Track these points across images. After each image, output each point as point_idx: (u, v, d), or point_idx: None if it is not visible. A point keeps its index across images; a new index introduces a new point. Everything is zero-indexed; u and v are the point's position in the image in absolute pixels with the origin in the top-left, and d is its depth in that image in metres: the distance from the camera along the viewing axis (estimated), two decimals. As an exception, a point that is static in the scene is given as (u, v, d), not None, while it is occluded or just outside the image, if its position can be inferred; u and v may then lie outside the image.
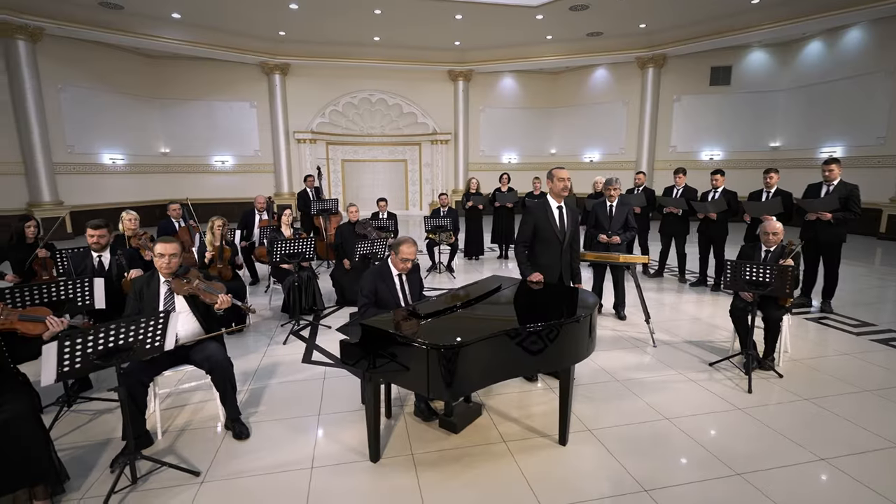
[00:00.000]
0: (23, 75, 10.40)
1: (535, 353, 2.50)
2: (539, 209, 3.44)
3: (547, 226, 3.40)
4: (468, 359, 2.24)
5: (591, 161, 15.65)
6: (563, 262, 3.46)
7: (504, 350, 2.40)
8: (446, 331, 2.44)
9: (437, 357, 2.16)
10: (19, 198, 10.79)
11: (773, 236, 3.88)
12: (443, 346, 2.17)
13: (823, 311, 5.31)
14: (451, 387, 2.20)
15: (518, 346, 2.44)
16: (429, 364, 2.17)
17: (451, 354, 2.18)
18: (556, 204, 3.46)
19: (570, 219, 3.48)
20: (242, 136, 14.64)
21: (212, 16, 11.35)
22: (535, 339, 2.49)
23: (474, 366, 2.27)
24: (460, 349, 2.20)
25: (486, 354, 2.32)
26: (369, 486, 2.46)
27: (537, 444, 2.81)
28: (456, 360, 2.19)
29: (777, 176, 5.67)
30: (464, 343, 2.22)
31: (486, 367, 2.34)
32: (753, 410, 3.16)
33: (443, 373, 2.17)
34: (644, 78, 13.96)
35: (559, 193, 3.43)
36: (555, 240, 3.42)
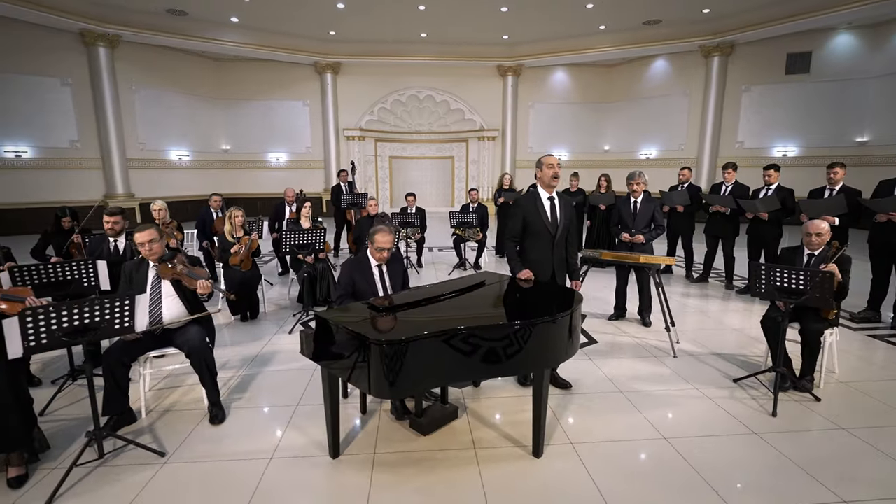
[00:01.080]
0: (102, 79, 11.48)
1: (501, 354, 2.30)
2: (528, 201, 3.19)
3: (537, 219, 3.15)
4: (415, 356, 2.08)
5: (648, 158, 14.73)
6: (555, 257, 3.19)
7: (462, 349, 2.22)
8: (400, 325, 2.30)
9: (380, 353, 2.02)
10: (97, 190, 11.91)
11: (817, 237, 3.36)
12: (385, 340, 2.03)
13: (894, 327, 4.57)
14: (394, 385, 2.06)
15: (479, 346, 2.25)
16: (370, 359, 2.05)
17: (395, 351, 2.04)
18: (547, 195, 3.19)
19: (563, 211, 3.20)
20: (295, 134, 15.25)
21: (267, 18, 11.89)
22: (500, 339, 2.29)
23: (423, 364, 2.11)
24: (406, 345, 2.06)
25: (438, 353, 2.15)
26: (319, 481, 2.38)
27: (509, 454, 2.60)
28: (401, 356, 2.05)
29: (843, 171, 4.96)
30: (410, 339, 2.07)
31: (439, 367, 2.18)
32: (772, 437, 2.74)
33: (385, 370, 2.04)
34: (708, 68, 12.89)
35: (549, 183, 3.17)
36: (545, 233, 3.16)
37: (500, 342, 2.29)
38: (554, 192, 3.21)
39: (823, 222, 3.39)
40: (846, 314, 4.98)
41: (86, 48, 11.25)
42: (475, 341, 2.24)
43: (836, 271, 3.12)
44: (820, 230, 3.35)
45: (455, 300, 2.72)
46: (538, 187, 3.22)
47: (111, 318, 2.42)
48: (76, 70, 11.29)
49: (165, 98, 13.21)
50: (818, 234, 3.36)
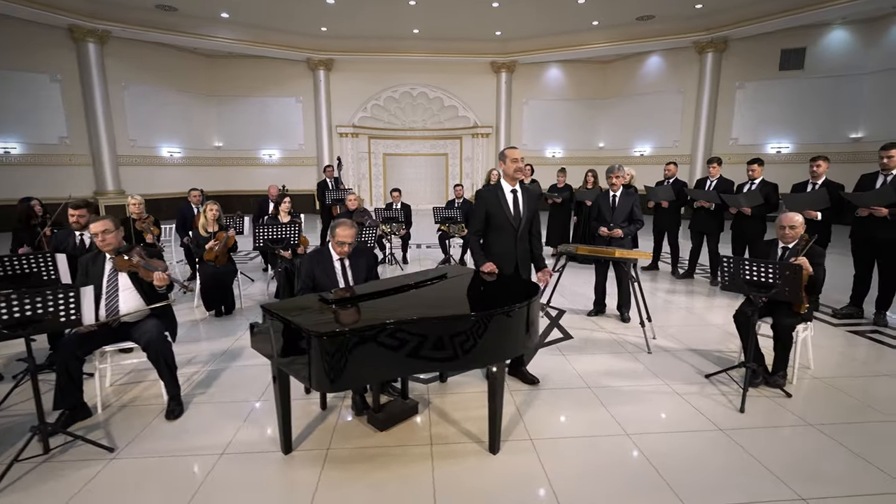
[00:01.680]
0: (92, 75, 11.43)
1: (451, 346, 2.24)
2: (491, 194, 3.13)
3: (499, 212, 3.09)
4: (357, 349, 2.02)
5: (642, 155, 14.65)
6: (518, 250, 3.13)
7: (409, 342, 2.16)
8: (346, 317, 2.24)
9: (319, 345, 1.97)
10: (87, 187, 11.87)
11: (790, 230, 3.29)
12: (325, 333, 1.97)
13: (877, 323, 4.50)
14: (334, 379, 2.00)
15: (427, 339, 2.19)
16: (311, 352, 1.99)
17: (335, 343, 1.98)
18: (510, 188, 3.14)
19: (526, 204, 3.14)
20: (288, 131, 15.19)
21: (257, 14, 11.82)
22: (450, 331, 2.22)
23: (366, 357, 2.05)
24: (347, 337, 2.00)
25: (383, 345, 2.09)
26: (266, 477, 2.33)
27: (466, 450, 2.54)
28: (342, 349, 1.99)
29: (826, 164, 4.90)
30: (351, 331, 2.01)
31: (384, 360, 2.12)
32: (738, 433, 2.68)
33: (324, 362, 1.98)
34: (702, 64, 12.80)
35: (512, 176, 3.11)
36: (508, 227, 3.10)
37: (449, 334, 2.23)
38: (517, 185, 3.16)
39: (797, 215, 3.33)
40: (828, 310, 4.92)
41: (75, 44, 11.20)
42: (423, 333, 2.18)
43: (807, 264, 3.06)
44: (793, 223, 3.29)
45: (412, 293, 2.65)
46: (501, 180, 3.16)
47: (55, 311, 2.37)
48: (65, 66, 11.24)
49: (157, 94, 13.15)
50: (791, 226, 3.29)
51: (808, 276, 3.07)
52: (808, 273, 3.06)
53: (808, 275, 3.07)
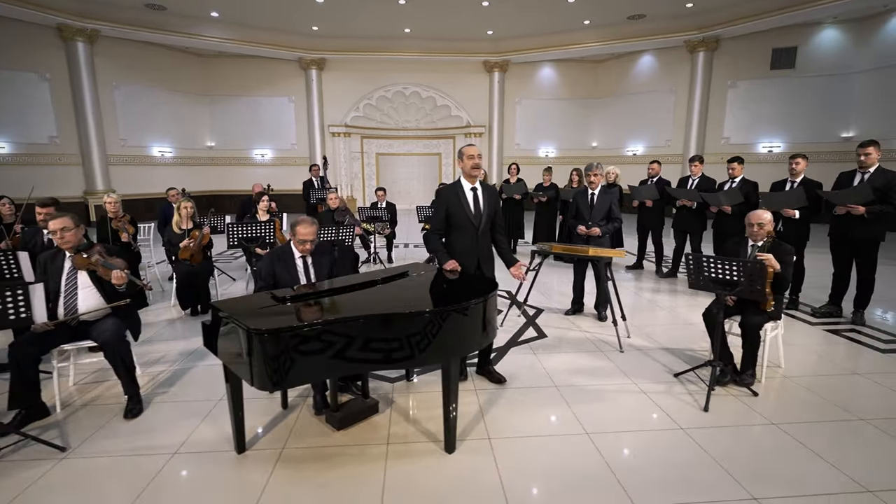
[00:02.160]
0: (81, 74, 11.39)
1: (401, 343, 2.21)
2: (451, 192, 3.11)
3: (459, 210, 3.07)
4: (301, 346, 2.00)
5: (635, 154, 14.62)
6: (479, 248, 3.11)
7: (357, 339, 2.13)
8: (293, 314, 2.21)
9: (260, 342, 1.94)
10: (77, 186, 11.84)
11: (759, 228, 3.26)
12: (266, 329, 1.95)
13: (854, 322, 4.47)
14: (276, 377, 1.98)
15: (376, 335, 2.16)
16: (251, 349, 1.96)
17: (276, 340, 1.95)
18: (470, 186, 3.11)
19: (486, 202, 3.12)
20: (281, 130, 15.17)
21: (247, 13, 11.79)
22: (400, 328, 2.20)
23: (310, 355, 2.03)
24: (290, 334, 1.97)
25: (329, 342, 2.06)
26: (215, 478, 2.30)
27: (422, 449, 2.52)
28: (284, 346, 1.97)
29: (805, 163, 4.87)
30: (295, 328, 1.99)
31: (330, 357, 2.09)
32: (698, 432, 2.65)
33: (265, 361, 1.95)
34: (694, 63, 12.77)
35: (470, 173, 3.09)
36: (468, 225, 3.08)
37: (399, 332, 2.20)
38: (477, 183, 3.13)
39: (766, 212, 3.30)
40: (808, 308, 4.89)
41: (64, 43, 11.17)
42: (372, 331, 2.16)
43: (773, 262, 3.03)
44: (761, 220, 3.26)
45: (368, 291, 2.63)
46: (461, 178, 3.14)
47: (3, 309, 2.34)
48: (54, 65, 11.21)
49: (148, 94, 13.13)
50: (760, 224, 3.26)
51: (773, 274, 3.05)
52: (773, 270, 3.04)
53: (773, 272, 3.05)
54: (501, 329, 4.36)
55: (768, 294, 3.07)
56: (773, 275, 3.09)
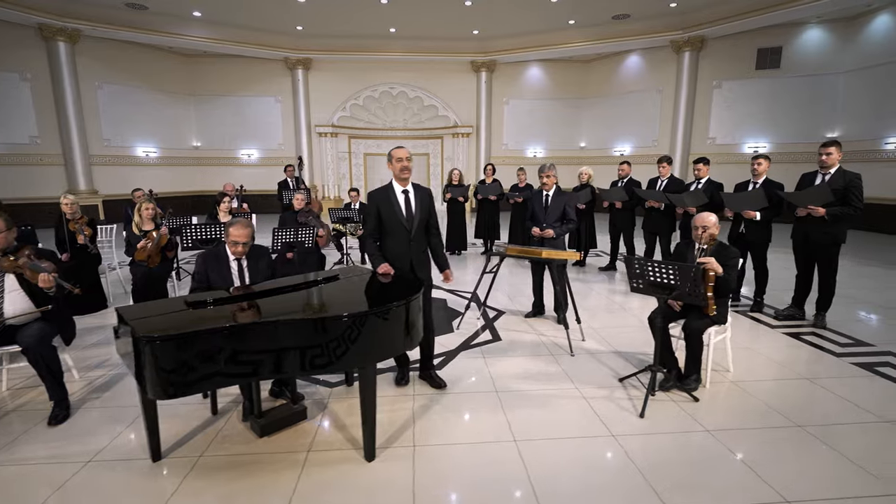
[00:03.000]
0: (63, 74, 11.34)
1: (312, 349, 2.17)
2: (382, 195, 3.07)
3: (391, 213, 3.02)
4: (198, 352, 1.95)
5: (623, 154, 14.55)
6: (412, 251, 3.06)
7: (265, 345, 2.08)
8: (198, 320, 2.16)
9: (150, 349, 1.89)
10: (59, 187, 11.77)
11: (703, 231, 3.21)
12: (158, 336, 1.90)
13: (815, 325, 4.42)
14: (167, 385, 1.92)
15: (284, 341, 2.11)
16: (143, 356, 1.91)
17: (168, 347, 1.90)
18: (401, 188, 3.07)
19: (419, 205, 3.07)
20: (267, 130, 15.11)
21: (229, 12, 11.74)
22: (309, 334, 2.15)
23: (209, 361, 1.98)
24: (184, 340, 1.92)
25: (230, 348, 2.02)
26: (122, 487, 2.25)
27: (343, 457, 2.46)
28: (178, 352, 1.92)
29: (767, 163, 4.82)
30: (188, 334, 1.94)
31: (233, 363, 2.04)
32: (629, 439, 2.60)
33: (156, 368, 1.90)
34: (679, 63, 12.72)
35: (399, 176, 3.04)
36: (401, 228, 3.03)
37: (313, 336, 2.16)
38: (409, 185, 3.09)
39: (710, 215, 3.24)
40: (771, 311, 4.84)
41: (45, 42, 11.12)
42: (282, 336, 2.11)
43: (713, 265, 2.98)
44: (706, 223, 3.20)
45: (291, 295, 2.58)
46: (392, 181, 3.09)
47: None
48: (36, 65, 11.16)
49: (132, 94, 13.07)
50: (704, 227, 3.20)
51: (713, 278, 3.00)
52: (713, 275, 2.99)
53: (713, 276, 3.00)
54: (457, 332, 4.32)
55: (710, 298, 3.03)
56: (715, 279, 3.04)
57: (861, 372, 3.45)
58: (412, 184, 3.14)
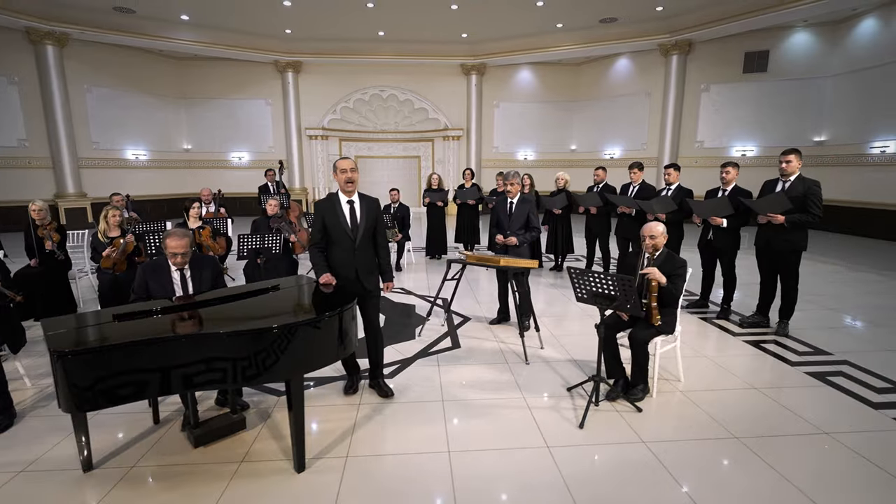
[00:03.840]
0: (51, 77, 11.39)
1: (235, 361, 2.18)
2: (327, 205, 3.08)
3: (335, 223, 3.04)
4: (105, 367, 1.96)
5: (612, 157, 14.56)
6: (357, 260, 3.07)
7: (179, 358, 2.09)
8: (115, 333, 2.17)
9: (61, 363, 1.90)
10: (47, 190, 11.83)
11: (650, 240, 3.22)
12: (69, 351, 1.91)
13: (778, 333, 4.42)
14: (78, 399, 1.94)
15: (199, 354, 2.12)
16: (55, 369, 1.92)
17: (77, 361, 1.91)
18: (346, 199, 3.09)
19: (364, 215, 3.09)
20: (258, 133, 15.16)
21: (216, 16, 11.78)
22: (225, 347, 2.16)
23: (119, 375, 1.99)
24: (93, 355, 1.94)
25: (143, 361, 2.03)
26: (48, 498, 2.25)
27: (274, 468, 2.47)
28: (88, 366, 1.93)
29: (735, 171, 4.81)
30: (96, 348, 1.95)
31: (146, 376, 2.05)
32: (562, 451, 2.60)
33: (67, 382, 1.91)
34: (668, 67, 12.73)
35: (344, 188, 3.06)
36: (345, 238, 3.05)
37: (231, 349, 2.17)
38: (354, 196, 3.10)
39: (658, 225, 3.25)
40: (737, 317, 4.84)
41: (32, 46, 11.16)
42: (199, 348, 2.12)
43: (657, 275, 2.99)
44: (653, 232, 3.21)
45: (225, 306, 2.59)
46: (338, 191, 3.11)
47: None
48: (23, 68, 11.21)
49: (121, 97, 13.11)
50: (651, 236, 3.21)
51: (657, 287, 3.01)
52: (656, 285, 2.99)
53: (657, 286, 3.00)
54: (418, 339, 4.33)
55: (654, 308, 3.03)
56: (660, 289, 3.05)
57: (812, 382, 3.45)
58: (358, 194, 3.15)
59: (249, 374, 2.26)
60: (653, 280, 3.01)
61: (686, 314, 5.06)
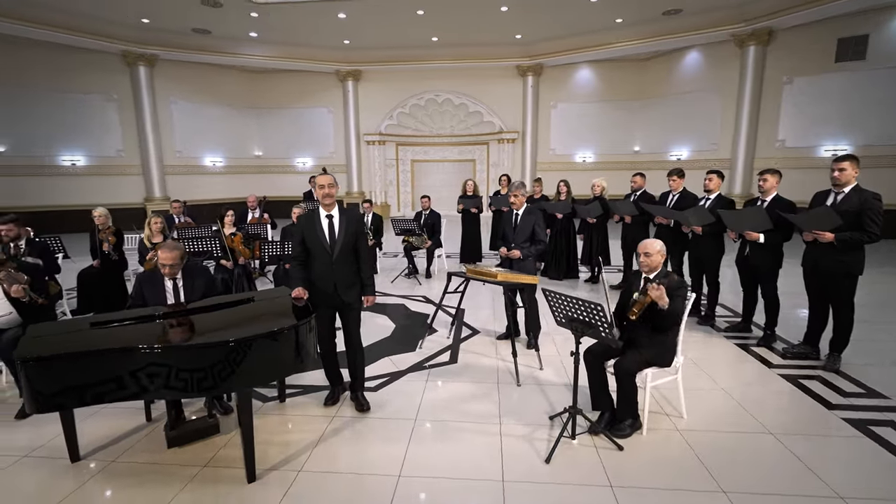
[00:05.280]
0: (142, 94, 12.84)
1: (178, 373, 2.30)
2: (308, 220, 3.13)
3: (314, 237, 3.08)
4: (61, 372, 2.15)
5: (679, 159, 13.51)
6: (335, 274, 3.08)
7: (136, 366, 2.24)
8: (81, 341, 2.36)
9: (23, 369, 2.11)
10: (138, 194, 13.33)
11: (645, 258, 2.92)
12: (30, 357, 2.12)
13: (827, 367, 3.81)
14: (34, 401, 2.14)
15: (151, 364, 2.26)
16: (24, 374, 2.14)
17: (35, 367, 2.12)
18: (325, 213, 3.11)
19: (343, 229, 3.10)
20: (320, 139, 15.97)
21: (281, 32, 12.56)
22: (188, 358, 2.30)
23: (73, 379, 2.18)
24: (47, 362, 2.13)
25: (95, 369, 2.20)
26: (34, 481, 2.52)
27: (229, 475, 2.57)
28: (43, 372, 2.13)
29: (774, 179, 4.25)
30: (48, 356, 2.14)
31: (99, 383, 2.22)
32: (514, 487, 2.44)
33: (28, 384, 2.12)
34: (743, 59, 11.55)
35: (322, 202, 3.09)
36: (323, 251, 3.08)
37: (187, 360, 2.29)
38: (334, 211, 3.12)
39: (656, 242, 2.94)
40: (786, 346, 4.25)
41: (128, 67, 12.65)
42: (156, 359, 2.25)
43: (658, 296, 2.69)
44: (648, 250, 2.91)
45: (196, 317, 2.73)
46: (319, 206, 3.15)
47: None
48: (120, 87, 12.74)
49: (201, 109, 14.44)
50: (647, 253, 2.91)
51: (641, 308, 2.72)
52: (637, 309, 2.71)
53: (640, 307, 2.72)
54: (418, 351, 4.29)
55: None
56: (655, 312, 2.76)
57: (851, 431, 2.93)
58: (339, 208, 3.18)
59: (205, 386, 2.36)
60: (649, 300, 2.72)
61: (721, 338, 4.55)
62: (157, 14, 11.11)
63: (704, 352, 4.24)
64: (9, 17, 10.08)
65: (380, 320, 5.15)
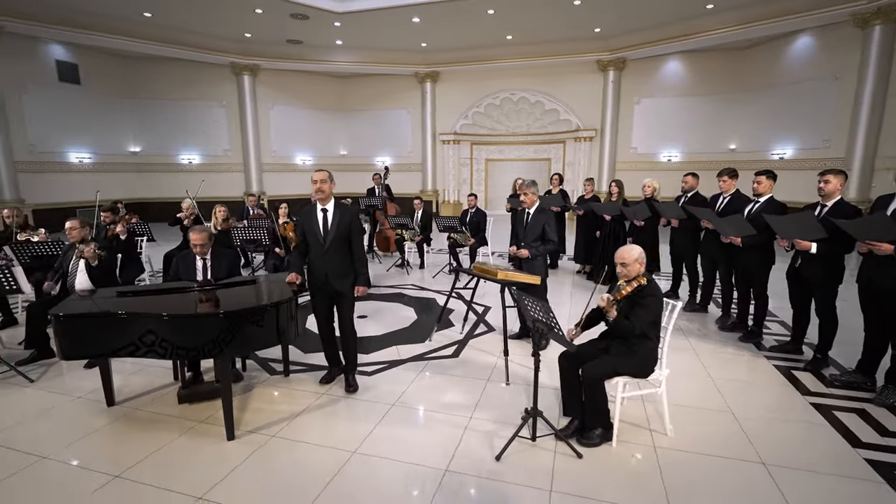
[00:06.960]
0: (246, 100, 14.50)
1: (173, 336, 2.71)
2: (307, 213, 3.42)
3: (310, 229, 3.37)
4: (81, 328, 2.66)
5: (782, 158, 11.98)
6: (326, 263, 3.33)
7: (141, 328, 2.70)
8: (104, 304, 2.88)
9: (55, 322, 2.66)
10: (239, 189, 15.08)
11: (622, 268, 2.77)
12: (62, 314, 2.65)
13: (877, 401, 3.26)
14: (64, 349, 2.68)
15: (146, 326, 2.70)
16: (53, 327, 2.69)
17: (63, 322, 2.65)
18: (320, 207, 3.37)
19: (336, 222, 3.33)
20: (399, 139, 16.69)
21: (364, 37, 13.36)
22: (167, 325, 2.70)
23: (88, 335, 2.68)
24: (72, 319, 2.66)
25: (104, 328, 2.68)
26: (74, 417, 3.11)
27: (216, 432, 2.94)
28: (69, 327, 2.65)
29: (838, 180, 3.67)
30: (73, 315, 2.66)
31: (116, 341, 2.70)
32: (454, 477, 2.50)
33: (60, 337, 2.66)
34: (865, 41, 9.90)
35: (316, 197, 3.35)
36: (316, 243, 3.36)
37: (182, 328, 2.71)
38: (328, 205, 3.37)
39: (633, 249, 2.77)
40: (836, 374, 3.70)
41: (235, 77, 14.35)
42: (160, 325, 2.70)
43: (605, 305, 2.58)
44: (624, 259, 2.75)
45: (193, 293, 3.17)
46: (315, 200, 3.42)
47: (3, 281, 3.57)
48: (228, 94, 14.51)
49: (295, 112, 15.89)
50: (622, 262, 2.76)
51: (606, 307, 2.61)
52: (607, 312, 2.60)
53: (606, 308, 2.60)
54: (427, 343, 4.43)
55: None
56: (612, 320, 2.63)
57: (870, 475, 2.52)
58: (335, 203, 3.44)
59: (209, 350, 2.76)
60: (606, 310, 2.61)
61: (761, 358, 4.07)
62: (257, 28, 12.48)
63: (732, 371, 3.84)
64: (141, 37, 12.04)
65: (405, 312, 5.36)
